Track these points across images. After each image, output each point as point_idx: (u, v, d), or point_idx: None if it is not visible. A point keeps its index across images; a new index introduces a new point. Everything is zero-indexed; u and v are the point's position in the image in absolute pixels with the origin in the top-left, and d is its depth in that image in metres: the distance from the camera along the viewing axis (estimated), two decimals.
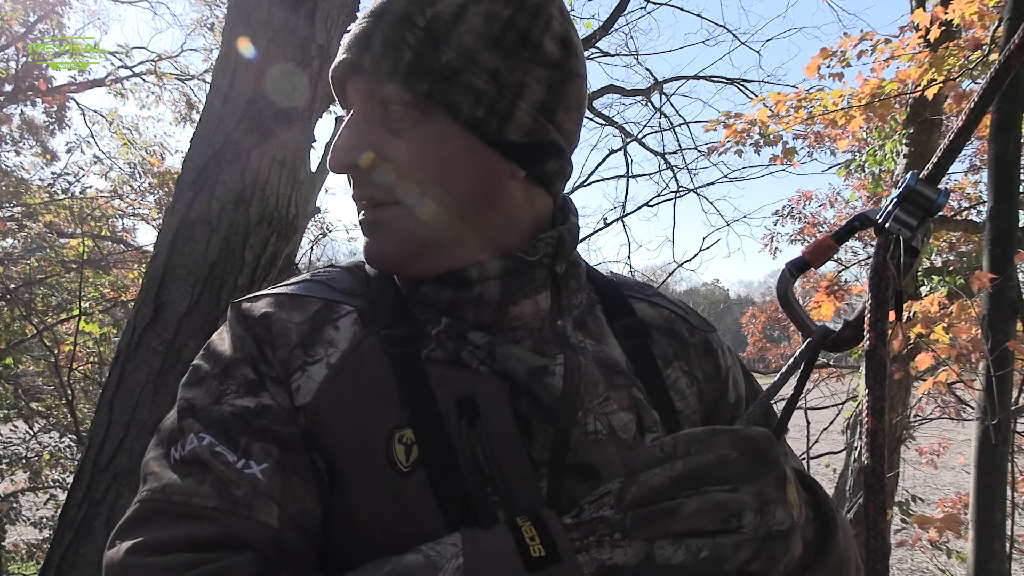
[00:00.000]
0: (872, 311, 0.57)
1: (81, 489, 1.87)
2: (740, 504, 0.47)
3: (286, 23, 2.12)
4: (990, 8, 3.54)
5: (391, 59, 0.61)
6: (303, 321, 0.65)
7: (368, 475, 0.59)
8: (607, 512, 0.53)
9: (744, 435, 0.50)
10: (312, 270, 0.74)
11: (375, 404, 0.61)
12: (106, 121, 8.30)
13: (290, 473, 0.58)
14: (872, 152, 5.14)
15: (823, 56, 4.28)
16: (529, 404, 0.62)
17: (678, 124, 7.02)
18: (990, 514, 2.36)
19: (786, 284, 0.66)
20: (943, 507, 5.48)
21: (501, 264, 0.65)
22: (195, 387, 0.63)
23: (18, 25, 7.48)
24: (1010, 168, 2.40)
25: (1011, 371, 2.44)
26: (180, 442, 0.59)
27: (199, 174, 2.04)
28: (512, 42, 0.62)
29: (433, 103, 0.61)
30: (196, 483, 0.56)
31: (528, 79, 0.63)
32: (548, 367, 0.63)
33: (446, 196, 0.63)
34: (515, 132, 0.63)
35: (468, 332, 0.64)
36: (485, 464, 0.59)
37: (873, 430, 0.53)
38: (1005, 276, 2.35)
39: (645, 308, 0.77)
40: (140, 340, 1.94)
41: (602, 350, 0.69)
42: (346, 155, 0.63)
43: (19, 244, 7.02)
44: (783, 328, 10.69)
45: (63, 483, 5.74)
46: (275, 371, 0.63)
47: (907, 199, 0.58)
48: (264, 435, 0.58)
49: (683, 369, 0.74)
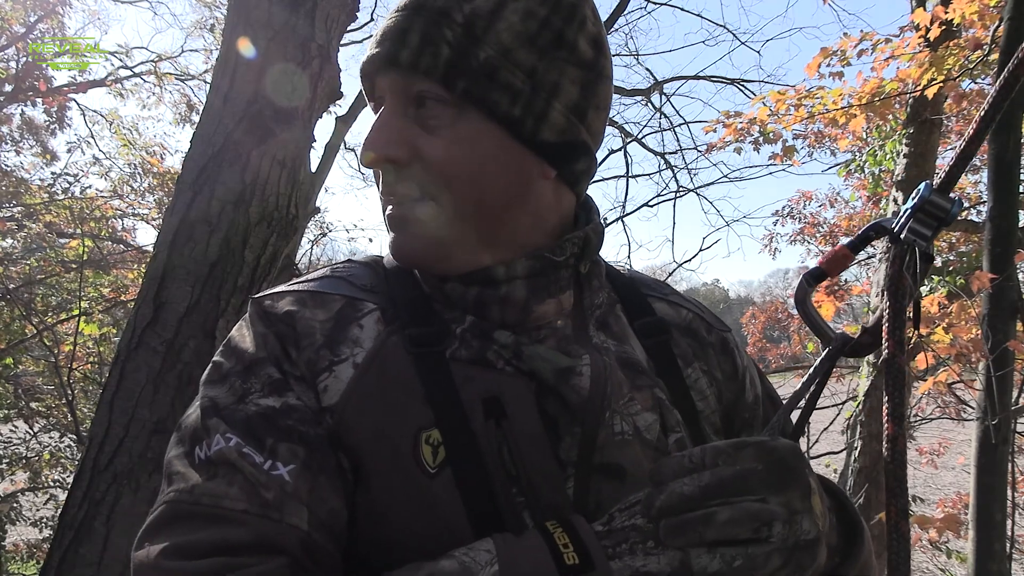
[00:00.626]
0: (890, 320, 0.58)
1: (81, 489, 1.87)
2: (770, 514, 0.49)
3: (286, 23, 2.12)
4: (990, 8, 3.54)
5: (429, 55, 0.60)
6: (327, 319, 0.64)
7: (395, 476, 0.58)
8: (638, 520, 0.53)
9: (770, 447, 0.51)
10: (331, 265, 0.73)
11: (401, 404, 0.60)
12: (106, 121, 8.31)
13: (316, 474, 0.57)
14: (872, 152, 5.14)
15: (823, 55, 4.28)
16: (556, 404, 0.62)
17: (678, 124, 7.03)
18: (990, 514, 2.36)
19: (804, 293, 0.67)
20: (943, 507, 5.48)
21: (528, 264, 0.65)
22: (217, 385, 0.62)
23: (18, 25, 7.48)
24: (1010, 168, 2.40)
25: (1011, 371, 2.44)
26: (205, 441, 0.58)
27: (199, 174, 2.04)
28: (548, 41, 0.62)
29: (470, 101, 0.61)
30: (225, 484, 0.55)
31: (563, 79, 0.63)
32: (575, 367, 0.63)
33: (479, 195, 0.63)
34: (549, 132, 0.64)
35: (493, 331, 0.64)
36: (511, 464, 0.59)
37: (894, 436, 0.55)
38: (1005, 276, 2.35)
39: (664, 307, 0.77)
40: (140, 340, 1.94)
41: (624, 350, 0.69)
42: (380, 150, 0.62)
43: (19, 244, 7.02)
44: (783, 328, 10.70)
45: (63, 483, 5.74)
46: (299, 370, 0.62)
47: (921, 209, 0.58)
48: (290, 435, 0.58)
49: (703, 369, 0.74)
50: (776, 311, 10.66)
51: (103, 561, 1.79)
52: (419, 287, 0.68)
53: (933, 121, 4.66)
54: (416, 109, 0.62)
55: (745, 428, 0.76)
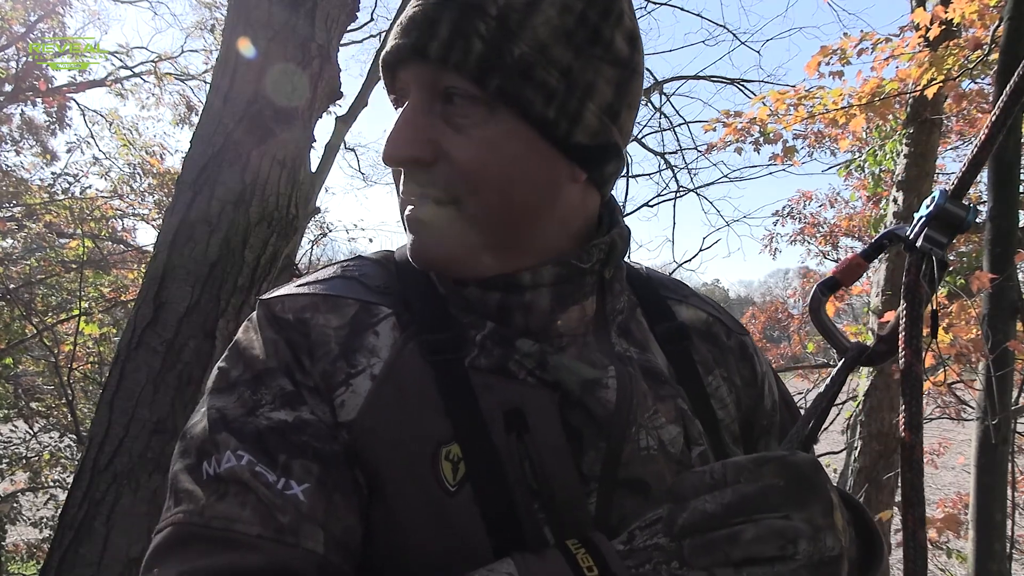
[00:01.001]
0: (907, 328, 0.57)
1: (81, 489, 1.87)
2: (795, 531, 0.48)
3: (286, 23, 2.12)
4: (990, 8, 3.54)
5: (461, 49, 0.56)
6: (341, 326, 0.62)
7: (414, 494, 0.56)
8: (661, 540, 0.51)
9: (791, 462, 0.50)
10: (340, 262, 0.70)
11: (420, 418, 0.58)
12: (106, 121, 8.31)
13: (332, 492, 0.55)
14: (872, 152, 5.14)
15: (823, 54, 4.28)
16: (581, 417, 0.60)
17: (678, 124, 7.01)
18: (990, 514, 2.36)
19: (818, 303, 0.66)
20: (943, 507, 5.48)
21: (555, 272, 0.63)
22: (225, 394, 0.59)
23: (18, 25, 7.48)
24: (1010, 168, 2.40)
25: (1011, 371, 2.45)
26: (215, 457, 0.55)
27: (199, 174, 2.04)
28: (584, 38, 0.59)
29: (502, 100, 0.57)
30: (237, 506, 0.53)
31: (598, 78, 0.61)
32: (601, 379, 0.61)
33: (506, 199, 0.60)
34: (582, 134, 0.61)
35: (516, 339, 0.61)
36: (533, 479, 0.57)
37: (911, 444, 0.54)
38: (1005, 276, 2.35)
39: (684, 311, 0.75)
40: (140, 340, 1.94)
41: (647, 358, 0.68)
42: (404, 149, 0.59)
43: (19, 244, 7.02)
44: (783, 328, 10.70)
45: (63, 483, 5.74)
46: (313, 380, 0.60)
47: (936, 217, 0.58)
48: (304, 452, 0.55)
49: (723, 376, 0.72)
50: (776, 311, 10.66)
51: (103, 561, 1.79)
52: (434, 288, 0.66)
53: (933, 121, 4.66)
54: (443, 105, 0.59)
55: (763, 436, 0.75)
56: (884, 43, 4.15)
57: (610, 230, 0.68)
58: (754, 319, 10.94)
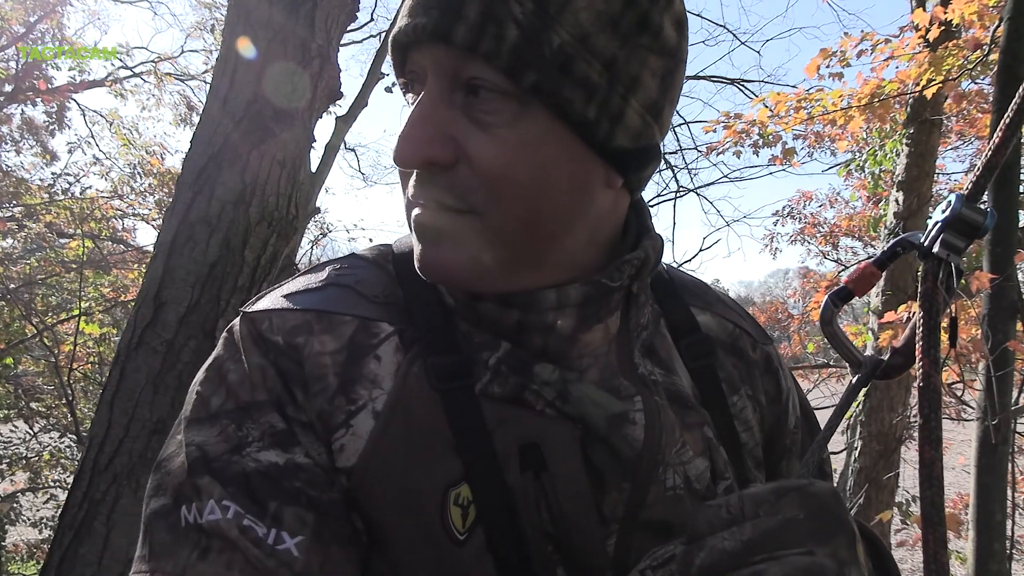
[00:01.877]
0: (924, 338, 0.54)
1: (81, 489, 1.87)
2: (821, 569, 0.43)
3: (286, 23, 2.12)
4: (990, 8, 3.54)
5: (492, 36, 0.48)
6: (338, 351, 0.55)
7: (420, 544, 0.52)
8: None
9: (812, 493, 0.46)
10: (332, 264, 0.62)
11: (426, 457, 0.53)
12: (106, 121, 8.31)
13: (328, 544, 0.50)
14: (872, 152, 5.14)
15: (823, 56, 4.28)
16: (604, 455, 0.55)
17: (678, 124, 7.00)
18: (990, 514, 2.36)
19: (830, 313, 0.63)
20: None
21: (583, 292, 0.56)
22: (205, 426, 0.53)
23: (18, 25, 7.48)
24: (1010, 168, 2.40)
25: (1011, 371, 2.44)
26: (195, 505, 0.49)
27: (199, 174, 2.04)
28: (631, 24, 0.51)
29: (538, 96, 0.49)
30: (223, 568, 0.47)
31: (643, 71, 0.53)
32: (627, 414, 0.56)
33: (533, 210, 0.52)
34: (623, 136, 0.53)
35: (534, 364, 0.55)
36: (550, 523, 0.52)
37: (931, 460, 0.51)
38: (1005, 276, 2.35)
39: (708, 320, 0.68)
40: (140, 340, 1.94)
41: (672, 382, 0.62)
42: (421, 150, 0.51)
43: (19, 244, 7.02)
44: (783, 328, 10.70)
45: (63, 483, 5.74)
46: (307, 416, 0.53)
47: (953, 223, 0.55)
48: (297, 499, 0.50)
49: (748, 394, 0.67)
50: (776, 311, 10.66)
51: (103, 561, 1.80)
52: (440, 297, 0.59)
53: (933, 121, 4.66)
54: (464, 96, 0.51)
55: (784, 456, 0.71)
56: (884, 44, 4.15)
57: (638, 238, 0.62)
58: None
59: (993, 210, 0.58)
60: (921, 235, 0.58)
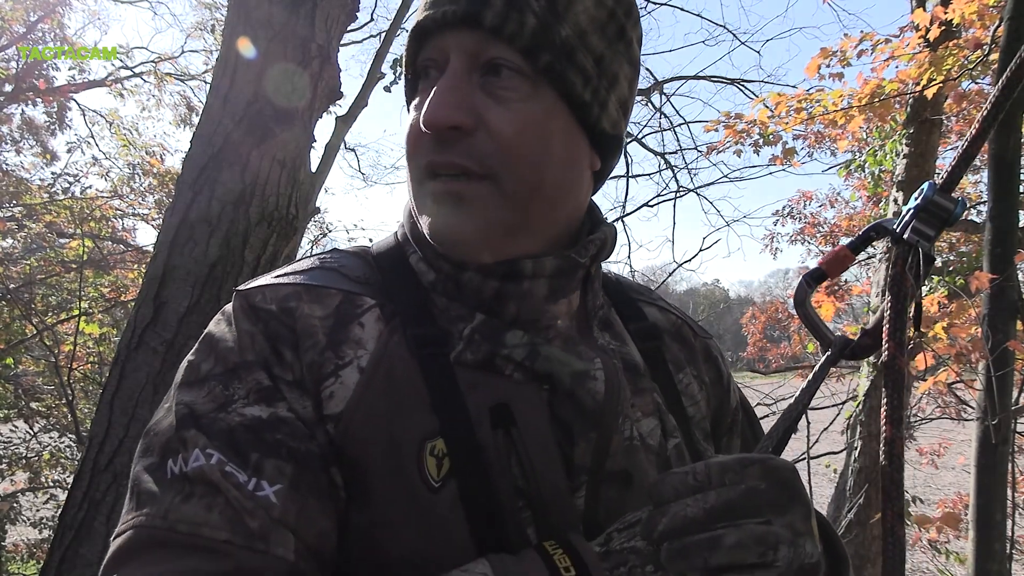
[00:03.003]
0: (891, 321, 0.57)
1: (81, 489, 1.87)
2: (776, 537, 0.47)
3: (286, 23, 2.12)
4: (990, 8, 3.54)
5: (516, 22, 0.57)
6: (326, 316, 0.60)
7: (398, 490, 0.55)
8: (638, 543, 0.50)
9: (773, 466, 0.50)
10: (317, 255, 0.68)
11: (406, 412, 0.57)
12: (106, 121, 8.31)
13: (305, 495, 0.53)
14: (872, 152, 5.14)
15: (823, 56, 4.28)
16: (571, 408, 0.60)
17: (678, 124, 7.01)
18: (990, 514, 2.36)
19: (804, 294, 0.66)
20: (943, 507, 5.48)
21: (555, 264, 0.62)
22: (195, 389, 0.57)
23: (18, 25, 7.48)
24: (1010, 168, 2.40)
25: (1011, 371, 2.44)
26: (181, 455, 0.53)
27: (199, 174, 2.04)
28: (614, 32, 0.63)
29: (548, 77, 0.58)
30: (204, 510, 0.50)
31: (620, 72, 0.64)
32: (589, 371, 0.61)
33: (540, 177, 0.60)
34: (607, 122, 0.63)
35: (505, 332, 0.61)
36: (520, 476, 0.56)
37: (891, 438, 0.54)
38: (1005, 276, 2.35)
39: (654, 312, 0.76)
40: (140, 340, 1.94)
41: (627, 351, 0.68)
42: (451, 114, 0.57)
43: (19, 244, 7.02)
44: (783, 328, 10.70)
45: (63, 483, 5.74)
46: (293, 374, 0.57)
47: (924, 209, 0.58)
48: (278, 451, 0.53)
49: (693, 374, 0.73)
50: (776, 311, 10.66)
51: (103, 561, 1.79)
52: (416, 280, 0.64)
53: (933, 121, 4.66)
54: (483, 76, 0.59)
55: (727, 434, 0.76)
56: (884, 44, 4.15)
57: (594, 226, 0.69)
58: (754, 319, 10.94)
59: (964, 199, 0.59)
60: (895, 221, 0.60)
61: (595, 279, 0.70)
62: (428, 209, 0.61)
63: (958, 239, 6.00)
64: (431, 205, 0.61)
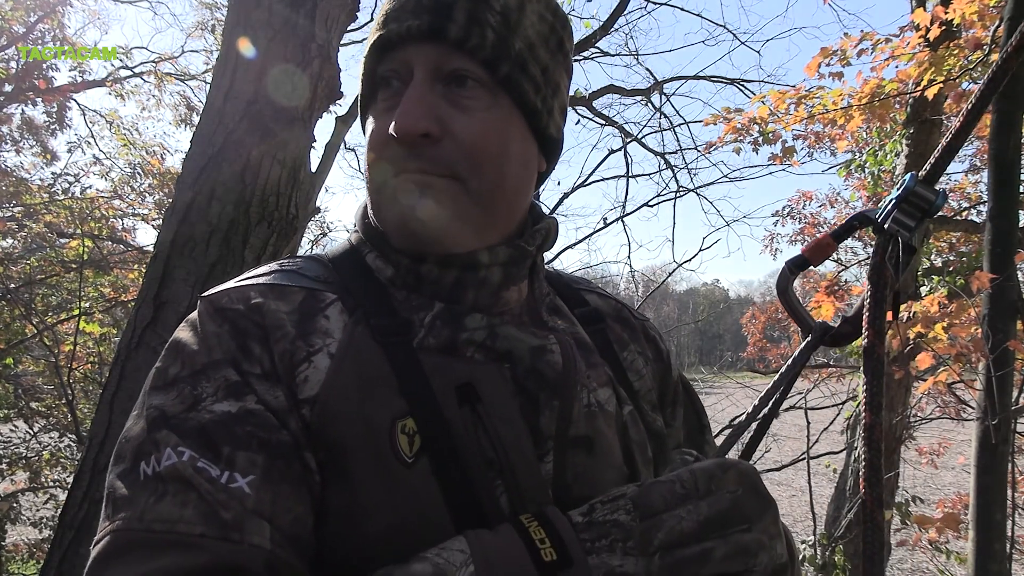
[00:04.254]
0: (871, 309, 0.58)
1: (81, 489, 1.87)
2: (757, 544, 0.51)
3: (286, 23, 2.12)
4: (990, 8, 3.54)
5: (478, 35, 0.62)
6: (291, 311, 0.62)
7: (374, 467, 0.57)
8: (621, 516, 0.52)
9: (746, 471, 0.54)
10: (275, 263, 0.71)
11: (377, 394, 0.59)
12: (106, 121, 8.31)
13: (278, 483, 0.54)
14: (872, 152, 5.14)
15: (823, 55, 4.28)
16: (533, 380, 0.64)
17: (678, 124, 7.00)
18: (990, 514, 2.36)
19: (786, 281, 0.68)
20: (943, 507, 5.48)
21: (508, 252, 0.67)
22: (164, 392, 0.58)
23: (18, 25, 7.48)
24: (1010, 168, 2.40)
25: (1011, 371, 2.44)
26: (154, 456, 0.53)
27: (199, 174, 2.04)
28: (555, 44, 0.68)
29: (505, 87, 0.64)
30: (178, 506, 0.51)
31: (561, 81, 0.70)
32: (545, 346, 0.65)
33: (501, 177, 0.65)
34: (553, 128, 0.69)
35: (464, 317, 0.64)
36: (490, 448, 0.59)
37: (871, 425, 0.55)
38: (1005, 276, 2.35)
39: (595, 299, 0.81)
40: (140, 340, 1.94)
41: (576, 331, 0.73)
42: (419, 123, 0.61)
43: (19, 244, 7.02)
44: (783, 328, 10.70)
45: (63, 483, 5.74)
46: (264, 366, 0.59)
47: (906, 200, 0.59)
48: (248, 443, 0.54)
49: (637, 351, 0.78)
50: (776, 311, 10.65)
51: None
52: (373, 277, 0.67)
53: (933, 121, 4.66)
54: (445, 86, 0.63)
55: (671, 405, 0.81)
56: (884, 43, 4.15)
57: (535, 221, 0.74)
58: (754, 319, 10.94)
59: (945, 191, 0.60)
60: (877, 211, 0.61)
61: (540, 268, 0.75)
62: (395, 202, 0.64)
63: (958, 239, 6.00)
64: (399, 197, 0.64)
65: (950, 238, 6.07)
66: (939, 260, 5.81)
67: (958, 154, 0.60)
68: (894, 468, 4.74)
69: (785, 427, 5.97)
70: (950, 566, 4.82)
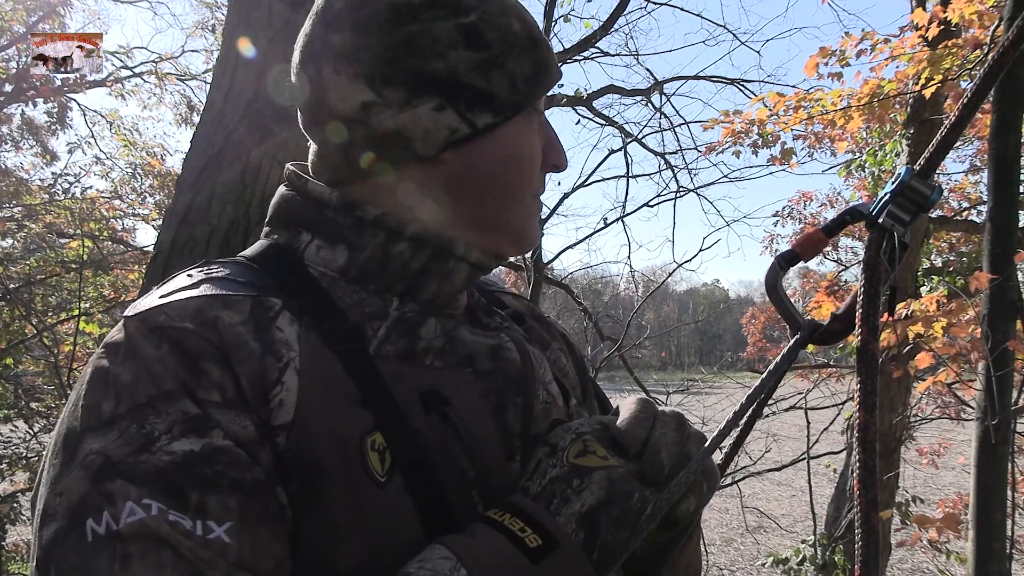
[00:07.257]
0: (864, 305, 0.57)
1: None
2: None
3: (286, 23, 2.12)
4: (989, 8, 3.54)
5: None
6: (244, 322, 0.55)
7: (349, 489, 0.53)
8: (555, 472, 0.56)
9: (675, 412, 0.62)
10: (186, 272, 0.62)
11: (343, 408, 0.55)
12: (107, 122, 8.31)
13: (256, 526, 0.49)
14: (872, 152, 5.14)
15: (822, 55, 4.28)
16: (496, 379, 0.64)
17: (678, 124, 6.99)
18: (990, 514, 2.36)
19: (775, 276, 0.66)
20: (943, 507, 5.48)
21: (479, 257, 0.67)
22: (101, 433, 0.49)
23: (19, 25, 7.48)
24: (1010, 168, 2.40)
25: (1011, 371, 2.44)
26: (108, 512, 0.46)
27: (199, 174, 2.04)
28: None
29: None
30: (153, 570, 0.44)
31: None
32: (501, 345, 0.67)
33: None
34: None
35: (420, 327, 0.62)
36: (462, 455, 0.58)
37: (865, 424, 0.54)
38: (1005, 276, 2.35)
39: (510, 300, 0.83)
40: None
41: (514, 331, 0.74)
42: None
43: (19, 244, 7.02)
44: (783, 328, 10.69)
45: None
46: (226, 393, 0.52)
47: (901, 194, 0.58)
48: (218, 485, 0.48)
49: (559, 348, 0.81)
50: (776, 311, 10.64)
51: None
52: (309, 276, 0.62)
53: (933, 121, 4.66)
54: None
55: (591, 399, 0.84)
56: (884, 43, 4.15)
57: None
58: (754, 319, 10.94)
59: (940, 186, 0.59)
60: (871, 205, 0.59)
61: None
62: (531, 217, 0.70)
63: (958, 239, 6.00)
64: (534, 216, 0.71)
65: (950, 238, 6.07)
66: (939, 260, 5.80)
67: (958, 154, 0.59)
68: (894, 468, 4.74)
69: (785, 427, 5.98)
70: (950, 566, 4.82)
